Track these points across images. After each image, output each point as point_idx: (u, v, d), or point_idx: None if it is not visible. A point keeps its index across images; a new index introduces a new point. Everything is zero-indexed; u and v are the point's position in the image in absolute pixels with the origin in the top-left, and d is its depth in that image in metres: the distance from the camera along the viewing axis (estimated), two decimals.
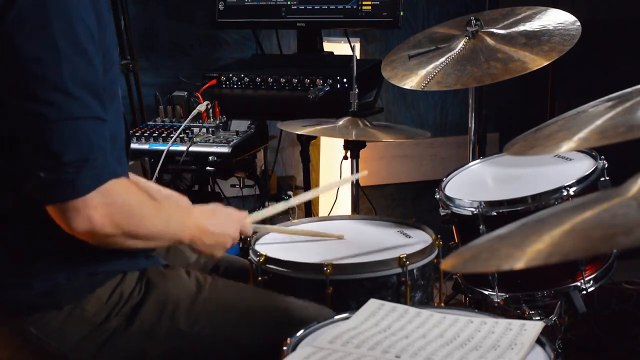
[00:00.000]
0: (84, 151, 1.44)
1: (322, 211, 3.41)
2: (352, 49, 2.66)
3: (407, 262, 1.78)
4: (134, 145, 2.64)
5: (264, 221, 1.92)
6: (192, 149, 2.62)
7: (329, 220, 2.21)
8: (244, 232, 1.80)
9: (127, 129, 1.72)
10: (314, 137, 3.12)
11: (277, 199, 3.28)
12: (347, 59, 2.52)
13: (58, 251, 1.56)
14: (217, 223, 1.70)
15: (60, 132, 1.42)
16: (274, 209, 1.94)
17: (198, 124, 2.73)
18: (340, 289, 1.76)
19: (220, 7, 3.00)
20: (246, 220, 1.81)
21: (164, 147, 2.61)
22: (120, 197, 1.49)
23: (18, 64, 1.42)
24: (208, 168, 2.60)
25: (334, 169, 3.03)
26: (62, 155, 1.42)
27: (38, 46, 1.41)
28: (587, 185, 1.98)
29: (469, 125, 2.68)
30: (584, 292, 1.99)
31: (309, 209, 3.14)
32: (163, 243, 1.67)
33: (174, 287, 1.67)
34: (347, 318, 1.49)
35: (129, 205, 1.51)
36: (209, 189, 2.99)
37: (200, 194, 2.86)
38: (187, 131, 2.69)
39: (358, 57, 2.42)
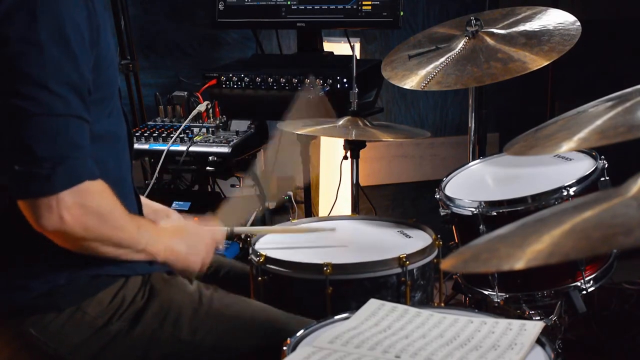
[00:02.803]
0: (62, 148, 1.43)
1: (322, 211, 3.41)
2: (352, 49, 2.66)
3: (407, 262, 1.77)
4: (134, 145, 2.63)
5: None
6: (192, 149, 2.62)
7: (329, 220, 2.21)
8: (217, 248, 1.80)
9: (130, 128, 1.72)
10: (314, 137, 3.11)
11: (277, 199, 3.28)
12: (347, 59, 2.52)
13: (58, 253, 1.55)
14: (186, 244, 1.69)
15: (38, 127, 1.42)
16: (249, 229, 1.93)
17: (198, 124, 2.73)
18: (340, 289, 1.75)
19: (220, 7, 3.00)
20: (219, 235, 1.81)
21: (164, 147, 2.61)
22: (94, 200, 1.47)
23: (3, 58, 1.42)
24: (208, 168, 2.60)
25: (334, 169, 3.03)
26: (38, 150, 1.41)
27: (23, 42, 1.42)
28: (587, 185, 1.98)
29: (469, 125, 2.68)
30: (584, 292, 1.99)
31: (309, 209, 3.13)
32: (136, 255, 1.59)
33: (177, 294, 1.66)
34: (347, 318, 1.49)
35: (101, 209, 1.49)
36: (209, 189, 2.99)
37: (200, 194, 2.86)
38: (187, 131, 2.70)
39: (358, 57, 2.42)
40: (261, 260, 1.82)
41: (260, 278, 1.83)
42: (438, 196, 2.16)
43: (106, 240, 1.52)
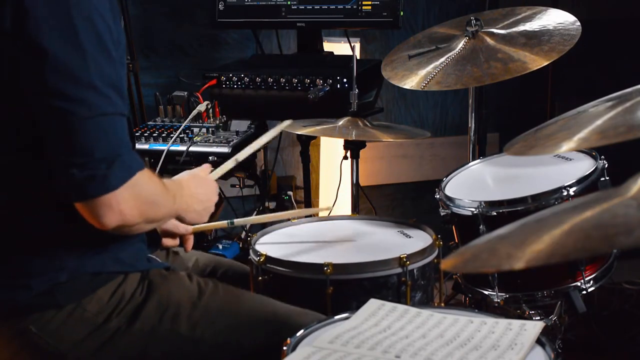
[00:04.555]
0: (114, 147, 1.45)
1: (322, 211, 3.41)
2: (352, 49, 2.66)
3: (408, 262, 1.78)
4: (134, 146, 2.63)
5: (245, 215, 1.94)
6: (192, 149, 2.62)
7: (329, 220, 2.21)
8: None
9: (131, 129, 1.72)
10: (314, 137, 3.12)
11: (277, 199, 3.29)
12: (347, 59, 2.52)
13: (59, 251, 1.56)
14: (203, 192, 1.76)
15: (91, 129, 1.43)
16: (227, 165, 1.94)
17: (198, 124, 2.73)
18: (341, 289, 1.76)
19: (220, 7, 3.00)
20: (215, 183, 1.86)
21: (164, 147, 2.61)
22: (145, 189, 1.52)
23: (44, 64, 1.41)
24: None
25: (334, 169, 3.03)
26: (94, 152, 1.43)
27: (63, 45, 1.41)
28: (587, 185, 1.98)
29: (469, 125, 2.69)
30: (584, 292, 1.99)
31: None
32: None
33: (176, 290, 1.67)
34: (347, 318, 1.49)
35: (153, 195, 1.55)
36: None
37: None
38: (187, 131, 2.69)
39: (358, 57, 2.42)
40: (261, 260, 1.83)
41: (260, 278, 1.83)
42: (438, 196, 2.16)
43: (153, 220, 1.58)
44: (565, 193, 1.93)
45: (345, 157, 2.51)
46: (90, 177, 1.43)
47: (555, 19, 2.35)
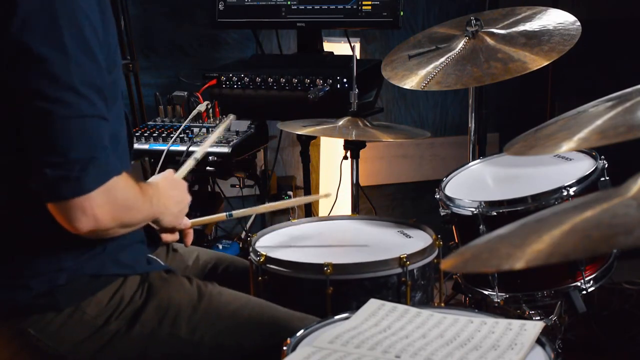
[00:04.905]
0: (90, 149, 1.44)
1: (322, 211, 3.41)
2: (352, 49, 2.66)
3: (408, 262, 1.78)
4: (134, 146, 2.63)
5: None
6: (192, 149, 2.62)
7: (329, 220, 2.21)
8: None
9: (130, 129, 1.72)
10: (314, 137, 3.12)
11: (277, 199, 3.29)
12: (347, 59, 2.52)
13: (58, 252, 1.55)
14: (178, 193, 1.75)
15: (68, 130, 1.42)
16: (188, 165, 1.93)
17: (198, 124, 2.73)
18: (341, 289, 1.75)
19: (220, 7, 3.00)
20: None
21: (164, 147, 2.61)
22: (121, 193, 1.50)
23: (28, 64, 1.41)
24: (208, 168, 2.60)
25: (334, 169, 3.03)
26: (69, 152, 1.42)
27: (47, 45, 1.41)
28: (587, 185, 1.98)
29: (469, 125, 2.68)
30: (584, 292, 1.99)
31: (309, 209, 3.14)
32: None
33: (175, 293, 1.67)
34: (347, 318, 1.49)
35: (128, 200, 1.53)
36: (209, 189, 2.99)
37: (200, 194, 2.86)
38: (187, 131, 2.69)
39: (358, 57, 2.42)
40: (261, 260, 1.82)
41: (260, 278, 1.83)
42: (438, 196, 2.16)
43: (128, 225, 1.56)
44: (565, 193, 1.93)
45: (345, 157, 2.51)
46: (63, 177, 1.42)
47: (555, 19, 2.35)
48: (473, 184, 2.23)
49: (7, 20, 1.42)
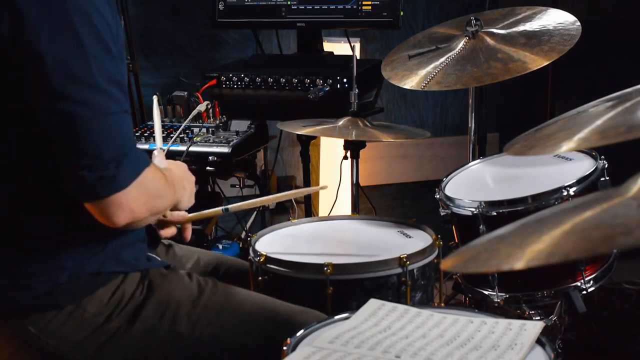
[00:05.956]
0: (121, 146, 1.46)
1: (322, 211, 3.41)
2: (352, 49, 2.66)
3: (408, 262, 1.78)
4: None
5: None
6: (192, 149, 2.62)
7: (329, 220, 2.21)
8: None
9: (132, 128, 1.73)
10: (314, 137, 3.12)
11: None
12: (347, 59, 2.52)
13: (59, 252, 1.55)
14: (187, 175, 1.78)
15: (98, 130, 1.43)
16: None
17: (198, 124, 2.73)
18: (341, 289, 1.75)
19: (220, 7, 3.00)
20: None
21: (164, 147, 2.61)
22: (151, 184, 1.53)
23: (46, 68, 1.39)
24: (208, 168, 2.60)
25: (334, 169, 3.03)
26: (101, 153, 1.43)
27: (63, 46, 1.40)
28: (587, 185, 1.98)
29: (469, 125, 2.69)
30: (584, 292, 1.99)
31: (309, 209, 3.14)
32: None
33: (175, 289, 1.67)
34: (347, 318, 1.49)
35: (158, 189, 1.56)
36: (209, 189, 2.99)
37: (200, 194, 2.86)
38: (187, 131, 2.69)
39: (358, 57, 2.42)
40: (261, 260, 1.83)
41: (260, 278, 1.83)
42: (438, 196, 2.16)
43: (158, 212, 1.61)
44: (565, 193, 1.93)
45: (345, 157, 2.51)
46: (100, 177, 1.43)
47: (555, 19, 2.35)
48: (473, 184, 2.23)
49: (20, 27, 1.40)
